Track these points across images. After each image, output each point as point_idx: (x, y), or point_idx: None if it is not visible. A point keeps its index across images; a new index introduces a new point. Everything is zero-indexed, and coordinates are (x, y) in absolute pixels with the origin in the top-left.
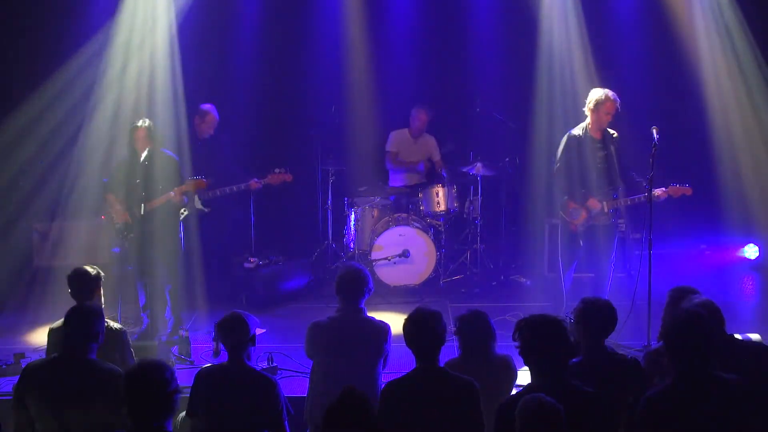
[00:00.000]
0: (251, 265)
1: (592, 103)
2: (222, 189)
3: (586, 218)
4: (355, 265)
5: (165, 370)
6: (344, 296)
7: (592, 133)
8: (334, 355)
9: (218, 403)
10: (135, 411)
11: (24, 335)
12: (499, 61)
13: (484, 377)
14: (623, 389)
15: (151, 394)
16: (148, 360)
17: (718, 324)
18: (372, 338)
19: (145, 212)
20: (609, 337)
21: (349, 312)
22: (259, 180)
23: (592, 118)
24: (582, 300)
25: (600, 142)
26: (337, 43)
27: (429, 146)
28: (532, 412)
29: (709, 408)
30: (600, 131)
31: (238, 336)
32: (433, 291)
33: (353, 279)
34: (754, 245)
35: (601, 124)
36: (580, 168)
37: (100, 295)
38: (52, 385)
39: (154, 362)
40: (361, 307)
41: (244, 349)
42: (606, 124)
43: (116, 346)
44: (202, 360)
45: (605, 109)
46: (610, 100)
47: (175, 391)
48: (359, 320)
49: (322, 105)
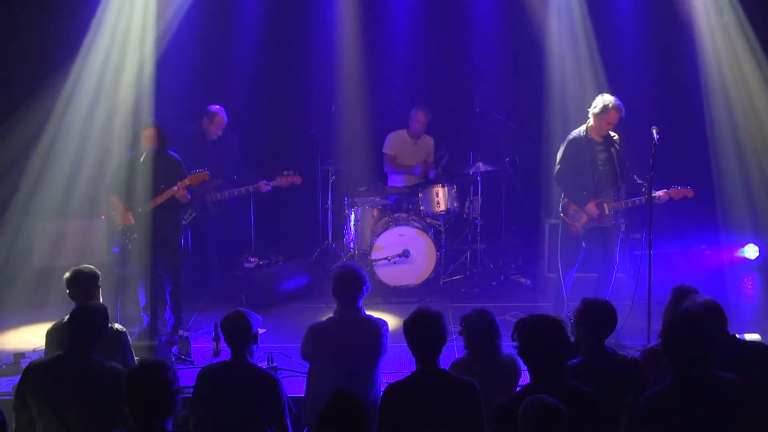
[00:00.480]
0: (251, 265)
1: (599, 108)
2: (230, 191)
3: (587, 221)
4: (351, 265)
5: (167, 370)
6: (342, 297)
7: (592, 136)
8: (335, 356)
9: (221, 401)
10: (136, 410)
11: (24, 335)
12: (499, 61)
13: (490, 377)
14: (623, 389)
15: (153, 393)
16: (150, 360)
17: (721, 323)
18: (371, 336)
19: (146, 212)
20: (609, 337)
21: (348, 312)
22: (268, 182)
23: (594, 122)
24: (582, 300)
25: (601, 144)
26: (337, 43)
27: (428, 147)
28: (535, 413)
29: (708, 408)
30: (600, 134)
31: (240, 334)
32: (433, 291)
33: (351, 279)
34: (754, 245)
35: (601, 130)
36: (580, 170)
37: (99, 295)
38: (54, 383)
39: (156, 362)
40: (358, 306)
41: (246, 347)
42: (606, 131)
43: (117, 347)
44: (202, 360)
45: (609, 117)
46: (616, 109)
47: (176, 391)
48: (358, 319)
49: (322, 105)
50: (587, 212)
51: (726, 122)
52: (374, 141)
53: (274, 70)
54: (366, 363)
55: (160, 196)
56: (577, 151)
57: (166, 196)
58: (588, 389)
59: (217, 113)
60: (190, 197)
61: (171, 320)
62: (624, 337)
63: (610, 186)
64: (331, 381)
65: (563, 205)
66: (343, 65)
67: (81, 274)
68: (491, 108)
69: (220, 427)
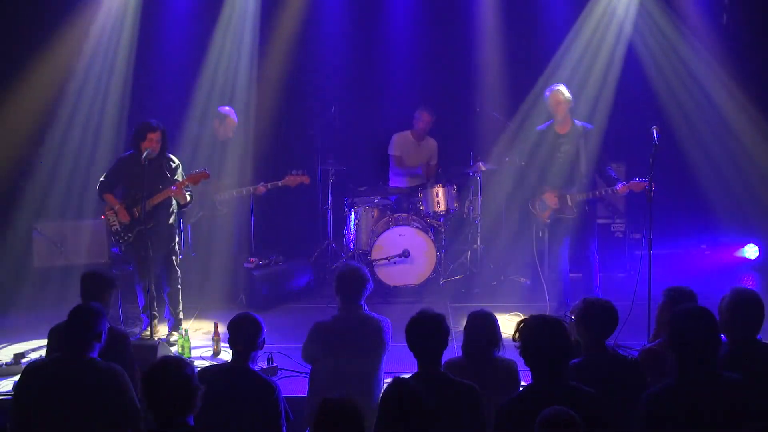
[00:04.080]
0: (251, 265)
1: (546, 100)
2: (230, 192)
3: (551, 211)
4: (353, 264)
5: (186, 366)
6: (345, 295)
7: (556, 128)
8: (341, 353)
9: (218, 404)
10: (157, 408)
11: (24, 335)
12: (499, 61)
13: (484, 380)
14: (624, 390)
15: (174, 391)
16: (170, 356)
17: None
18: (375, 333)
19: (145, 212)
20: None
21: (352, 310)
22: (265, 184)
23: (553, 114)
24: (583, 300)
25: (564, 136)
26: (338, 42)
27: (431, 149)
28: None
29: (711, 407)
30: (565, 125)
31: (246, 338)
32: (433, 291)
33: (354, 278)
34: (754, 245)
35: (557, 117)
36: (542, 162)
37: (109, 299)
38: (53, 384)
39: (176, 359)
40: (362, 303)
41: (250, 352)
42: (562, 116)
43: (118, 350)
44: (202, 360)
45: (551, 103)
46: (549, 93)
47: (197, 387)
48: (362, 317)
49: (322, 105)
50: (546, 201)
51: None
52: (374, 141)
53: (274, 70)
54: (372, 360)
55: (158, 196)
56: (539, 142)
57: (164, 196)
58: (588, 389)
59: (228, 115)
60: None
61: (171, 320)
62: (624, 338)
63: (570, 178)
64: (339, 378)
65: (531, 198)
66: (343, 65)
67: (95, 274)
68: (491, 108)
69: (216, 430)
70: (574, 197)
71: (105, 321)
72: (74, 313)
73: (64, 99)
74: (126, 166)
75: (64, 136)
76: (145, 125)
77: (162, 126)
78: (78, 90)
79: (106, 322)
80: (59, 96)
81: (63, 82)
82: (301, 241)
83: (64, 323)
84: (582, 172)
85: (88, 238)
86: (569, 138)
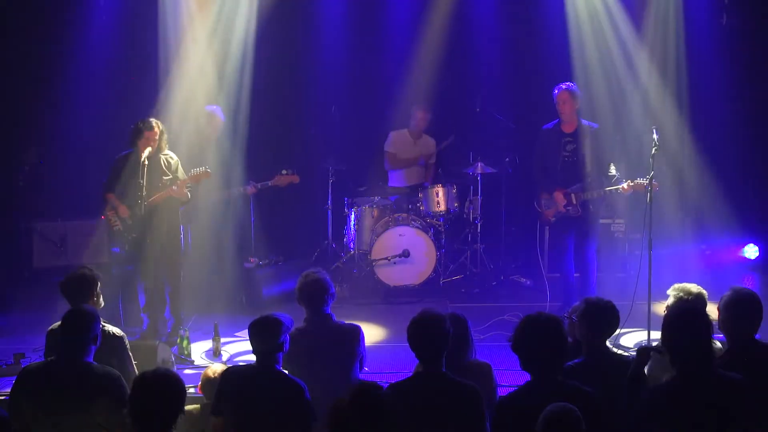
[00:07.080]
0: (251, 265)
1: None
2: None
3: (557, 210)
4: (314, 273)
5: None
6: (307, 305)
7: (562, 127)
8: (308, 365)
9: (246, 406)
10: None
11: (24, 335)
12: (499, 61)
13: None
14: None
15: (161, 407)
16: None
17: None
18: (344, 342)
19: (145, 211)
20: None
21: (316, 320)
22: (256, 184)
23: (559, 113)
24: (584, 300)
25: (570, 135)
26: (337, 42)
27: (429, 148)
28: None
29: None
30: (572, 125)
31: (269, 342)
32: (433, 291)
33: (314, 287)
34: (754, 245)
35: (564, 116)
36: (546, 161)
37: (98, 297)
38: (48, 388)
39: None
40: (328, 313)
41: (275, 353)
42: (569, 115)
43: (115, 351)
44: (202, 360)
45: (558, 102)
46: (558, 92)
47: (182, 403)
48: (328, 327)
49: (322, 105)
50: (554, 199)
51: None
52: (374, 141)
53: (274, 70)
54: (340, 369)
55: (158, 195)
56: (545, 142)
57: (165, 195)
58: (588, 389)
59: (214, 113)
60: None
61: (171, 320)
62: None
63: (576, 177)
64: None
65: (537, 195)
66: (343, 65)
67: (75, 278)
68: (491, 108)
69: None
70: (579, 196)
71: (98, 323)
72: (67, 318)
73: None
74: (125, 165)
75: (64, 136)
76: (143, 123)
77: (159, 124)
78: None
79: (99, 324)
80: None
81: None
82: (301, 241)
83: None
84: (587, 171)
85: (88, 238)
86: (575, 137)
